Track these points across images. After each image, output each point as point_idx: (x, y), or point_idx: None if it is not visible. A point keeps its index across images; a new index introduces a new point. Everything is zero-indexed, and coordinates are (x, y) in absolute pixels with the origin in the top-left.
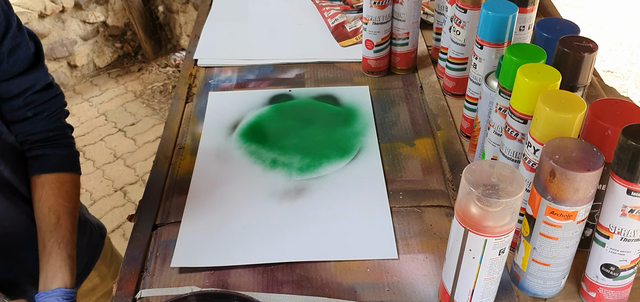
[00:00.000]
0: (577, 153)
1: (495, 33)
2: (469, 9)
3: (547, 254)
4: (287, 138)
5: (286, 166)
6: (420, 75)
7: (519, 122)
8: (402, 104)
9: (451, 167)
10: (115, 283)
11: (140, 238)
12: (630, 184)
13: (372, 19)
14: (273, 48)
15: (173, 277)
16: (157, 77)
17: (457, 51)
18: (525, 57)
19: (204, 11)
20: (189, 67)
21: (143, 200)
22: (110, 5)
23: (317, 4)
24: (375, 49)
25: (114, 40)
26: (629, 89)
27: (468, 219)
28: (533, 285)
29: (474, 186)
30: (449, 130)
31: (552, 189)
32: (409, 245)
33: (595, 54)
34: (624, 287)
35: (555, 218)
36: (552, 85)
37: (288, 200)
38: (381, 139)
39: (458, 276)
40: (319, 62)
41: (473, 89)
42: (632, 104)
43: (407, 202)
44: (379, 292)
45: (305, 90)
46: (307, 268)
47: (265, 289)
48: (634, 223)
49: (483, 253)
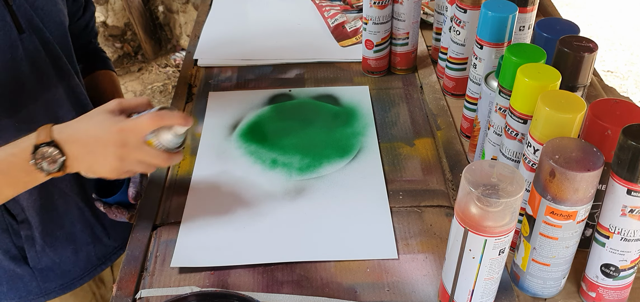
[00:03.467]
0: (577, 153)
1: (495, 33)
2: (469, 9)
3: (547, 254)
4: (287, 138)
5: (286, 166)
6: (420, 75)
7: (519, 122)
8: (402, 104)
9: (451, 167)
10: (115, 283)
11: (140, 238)
12: (630, 184)
13: (372, 19)
14: (273, 48)
15: (173, 277)
16: (157, 77)
17: (457, 51)
18: (525, 57)
19: (204, 11)
20: (189, 67)
21: (143, 200)
22: (110, 5)
23: (317, 4)
24: (375, 49)
25: (114, 40)
26: (629, 89)
27: (468, 219)
28: (533, 285)
29: (474, 186)
30: (449, 130)
31: (552, 189)
32: (409, 245)
33: (595, 54)
34: (624, 287)
35: (555, 218)
36: (552, 85)
37: (288, 200)
38: (381, 139)
39: (458, 276)
40: (319, 62)
41: (473, 89)
42: (632, 104)
43: (407, 202)
44: (379, 292)
45: (305, 90)
46: (307, 268)
47: (265, 289)
48: (634, 223)
49: (483, 253)
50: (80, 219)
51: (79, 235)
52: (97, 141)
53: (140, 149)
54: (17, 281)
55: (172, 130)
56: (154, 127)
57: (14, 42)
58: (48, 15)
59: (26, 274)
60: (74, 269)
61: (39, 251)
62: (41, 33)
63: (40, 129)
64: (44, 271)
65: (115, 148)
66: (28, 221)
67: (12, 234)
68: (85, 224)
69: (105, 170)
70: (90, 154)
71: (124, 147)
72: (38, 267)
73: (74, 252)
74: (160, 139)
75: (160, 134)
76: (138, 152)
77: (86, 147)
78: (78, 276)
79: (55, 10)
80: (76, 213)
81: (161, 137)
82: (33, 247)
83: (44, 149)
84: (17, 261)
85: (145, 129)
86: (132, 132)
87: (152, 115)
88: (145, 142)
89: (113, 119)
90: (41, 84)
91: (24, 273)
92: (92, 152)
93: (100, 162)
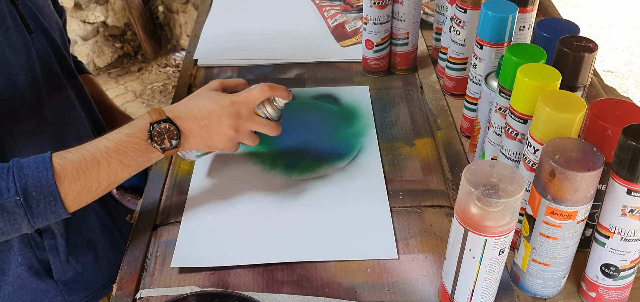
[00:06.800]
0: (577, 153)
1: (495, 33)
2: (469, 9)
3: (547, 254)
4: (287, 138)
5: (286, 166)
6: (420, 75)
7: (519, 122)
8: (402, 104)
9: (451, 167)
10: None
11: (140, 238)
12: (630, 184)
13: (372, 19)
14: (273, 48)
15: (173, 277)
16: (157, 77)
17: (457, 51)
18: (525, 57)
19: (204, 11)
20: (189, 67)
21: (143, 200)
22: (110, 5)
23: (317, 4)
24: (375, 49)
25: (114, 40)
26: (629, 89)
27: (468, 219)
28: (533, 285)
29: (474, 186)
30: (449, 131)
31: (552, 189)
32: (409, 245)
33: (595, 54)
34: (624, 287)
35: (555, 218)
36: (552, 85)
37: (288, 200)
38: (381, 139)
39: (458, 276)
40: (319, 62)
41: (473, 89)
42: (632, 104)
43: (407, 202)
44: (379, 292)
45: (305, 90)
46: (307, 268)
47: (265, 289)
48: (634, 223)
49: (483, 253)
50: (98, 224)
51: (98, 241)
52: (210, 114)
53: (252, 119)
54: (42, 297)
55: (274, 103)
56: (264, 97)
57: (27, 42)
58: (48, 15)
59: (51, 289)
60: (97, 278)
61: (64, 260)
62: (47, 33)
63: (150, 110)
64: (69, 284)
65: (230, 119)
66: (51, 230)
67: (34, 247)
68: (104, 229)
69: (221, 141)
70: (204, 129)
71: (238, 118)
72: (62, 280)
73: (95, 259)
74: (266, 110)
75: (265, 106)
76: (250, 122)
77: (200, 122)
78: (101, 285)
79: (51, 10)
80: (94, 218)
81: (266, 109)
82: (57, 257)
83: (160, 126)
84: (40, 275)
85: (256, 100)
86: (245, 103)
87: (261, 86)
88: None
89: (222, 94)
90: (53, 85)
91: (48, 288)
92: (207, 126)
93: (215, 134)
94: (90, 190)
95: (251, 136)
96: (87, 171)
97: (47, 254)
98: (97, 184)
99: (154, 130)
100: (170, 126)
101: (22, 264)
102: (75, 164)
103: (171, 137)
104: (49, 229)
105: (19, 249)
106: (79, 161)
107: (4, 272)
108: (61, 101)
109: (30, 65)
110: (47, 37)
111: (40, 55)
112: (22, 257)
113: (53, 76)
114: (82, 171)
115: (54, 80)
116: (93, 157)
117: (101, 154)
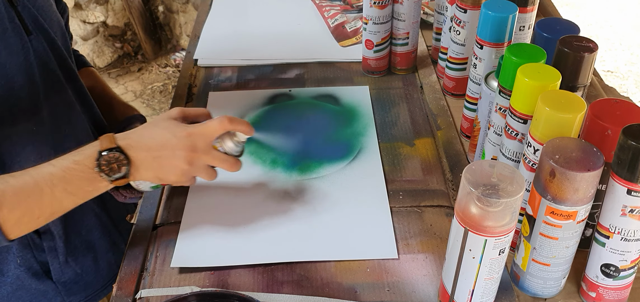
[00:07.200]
0: (577, 153)
1: (495, 33)
2: (469, 9)
3: (547, 254)
4: (287, 138)
5: (286, 166)
6: (420, 75)
7: (519, 122)
8: (402, 104)
9: (451, 167)
10: (115, 283)
11: (140, 238)
12: (630, 184)
13: (372, 19)
14: (273, 48)
15: (173, 277)
16: (157, 77)
17: (457, 51)
18: (525, 57)
19: (204, 11)
20: (189, 67)
21: (143, 200)
22: (110, 5)
23: (317, 4)
24: (375, 49)
25: (114, 40)
26: (629, 89)
27: (468, 219)
28: (533, 285)
29: (474, 186)
30: (449, 130)
31: (552, 189)
32: (409, 245)
33: (595, 54)
34: (624, 287)
35: (555, 218)
36: (552, 85)
37: (288, 200)
38: (381, 139)
39: (458, 276)
40: (319, 62)
41: (473, 89)
42: (632, 104)
43: (407, 202)
44: (379, 292)
45: (305, 90)
46: (307, 268)
47: (265, 289)
48: (634, 223)
49: (483, 253)
50: (97, 225)
51: (97, 242)
52: (164, 146)
53: (209, 153)
54: (41, 298)
55: (235, 137)
56: (223, 130)
57: (25, 43)
58: (49, 15)
59: (50, 290)
60: (97, 279)
61: (62, 262)
62: (46, 34)
63: (101, 138)
64: (68, 284)
65: (184, 151)
66: (51, 231)
67: (33, 248)
68: (103, 230)
69: (173, 174)
70: (156, 160)
71: (194, 151)
72: (61, 281)
73: (94, 260)
74: (224, 145)
75: (224, 141)
76: (206, 156)
77: (153, 153)
78: (100, 286)
79: (53, 10)
80: (93, 219)
81: (225, 143)
82: (56, 258)
83: (108, 155)
84: (39, 276)
85: (214, 132)
86: (202, 136)
87: (221, 119)
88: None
89: (179, 125)
90: (52, 86)
91: (47, 289)
92: (159, 157)
93: (168, 167)
94: (31, 217)
95: (208, 171)
96: (27, 198)
97: (46, 255)
98: (39, 212)
99: (102, 158)
100: (119, 155)
101: (21, 265)
102: (16, 190)
103: (119, 168)
104: (47, 230)
105: (18, 250)
106: (20, 188)
107: (2, 274)
108: (60, 102)
109: (27, 67)
110: (46, 39)
111: (38, 56)
112: (21, 259)
113: (52, 77)
114: (23, 198)
115: (53, 82)
116: (36, 184)
117: (45, 181)
